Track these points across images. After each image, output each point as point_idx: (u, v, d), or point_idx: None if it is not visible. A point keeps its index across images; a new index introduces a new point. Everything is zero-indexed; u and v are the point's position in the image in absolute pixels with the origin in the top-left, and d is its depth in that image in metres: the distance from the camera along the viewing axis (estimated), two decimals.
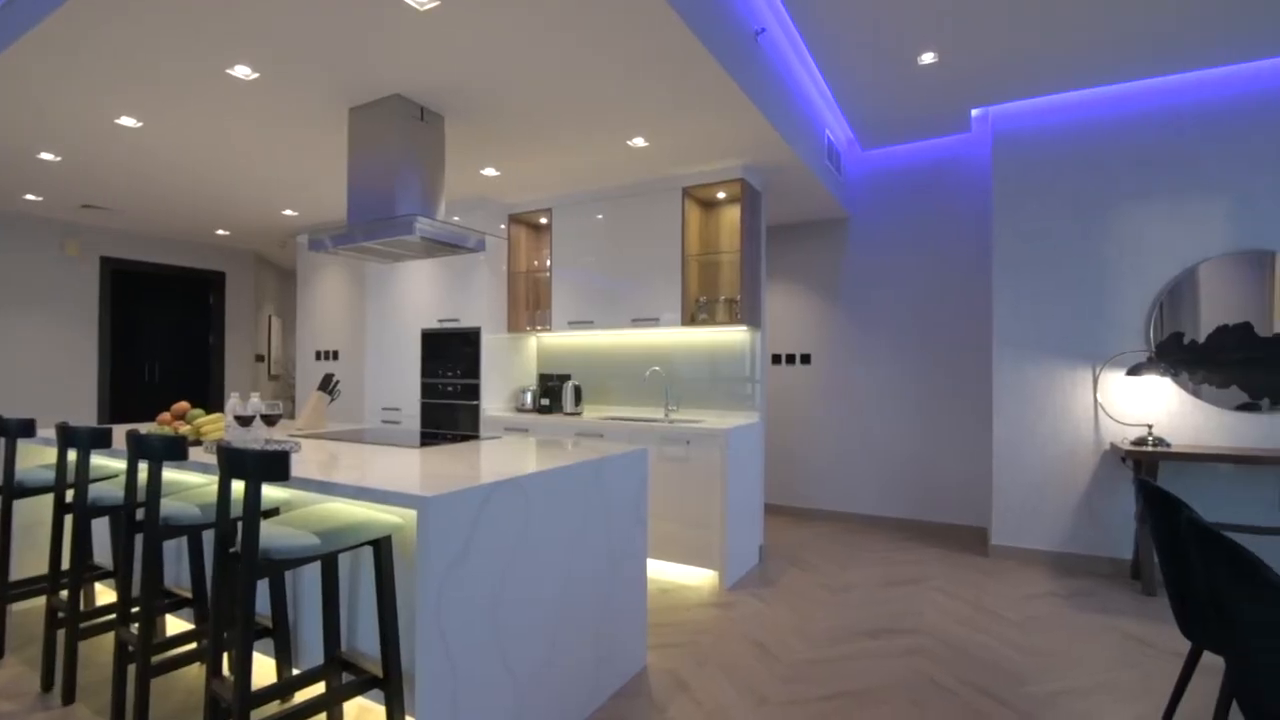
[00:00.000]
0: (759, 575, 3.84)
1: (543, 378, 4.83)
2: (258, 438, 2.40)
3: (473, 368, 4.62)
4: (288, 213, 5.28)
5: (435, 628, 1.68)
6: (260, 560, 1.67)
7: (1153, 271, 3.79)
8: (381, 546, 1.88)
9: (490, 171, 4.12)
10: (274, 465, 1.66)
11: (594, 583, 2.34)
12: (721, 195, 4.26)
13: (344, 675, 2.07)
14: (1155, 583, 3.52)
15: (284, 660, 2.22)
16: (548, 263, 4.73)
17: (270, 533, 1.72)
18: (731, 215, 4.28)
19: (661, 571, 3.83)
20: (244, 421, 2.38)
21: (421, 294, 4.95)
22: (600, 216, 4.44)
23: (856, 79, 3.76)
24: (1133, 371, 3.71)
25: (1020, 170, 4.14)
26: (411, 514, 1.96)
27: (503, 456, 2.41)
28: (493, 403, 4.63)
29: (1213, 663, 2.67)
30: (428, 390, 4.85)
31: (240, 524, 1.70)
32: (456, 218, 4.78)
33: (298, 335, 6.14)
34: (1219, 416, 3.64)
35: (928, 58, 3.45)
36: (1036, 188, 4.09)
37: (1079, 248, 3.98)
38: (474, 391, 4.60)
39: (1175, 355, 3.72)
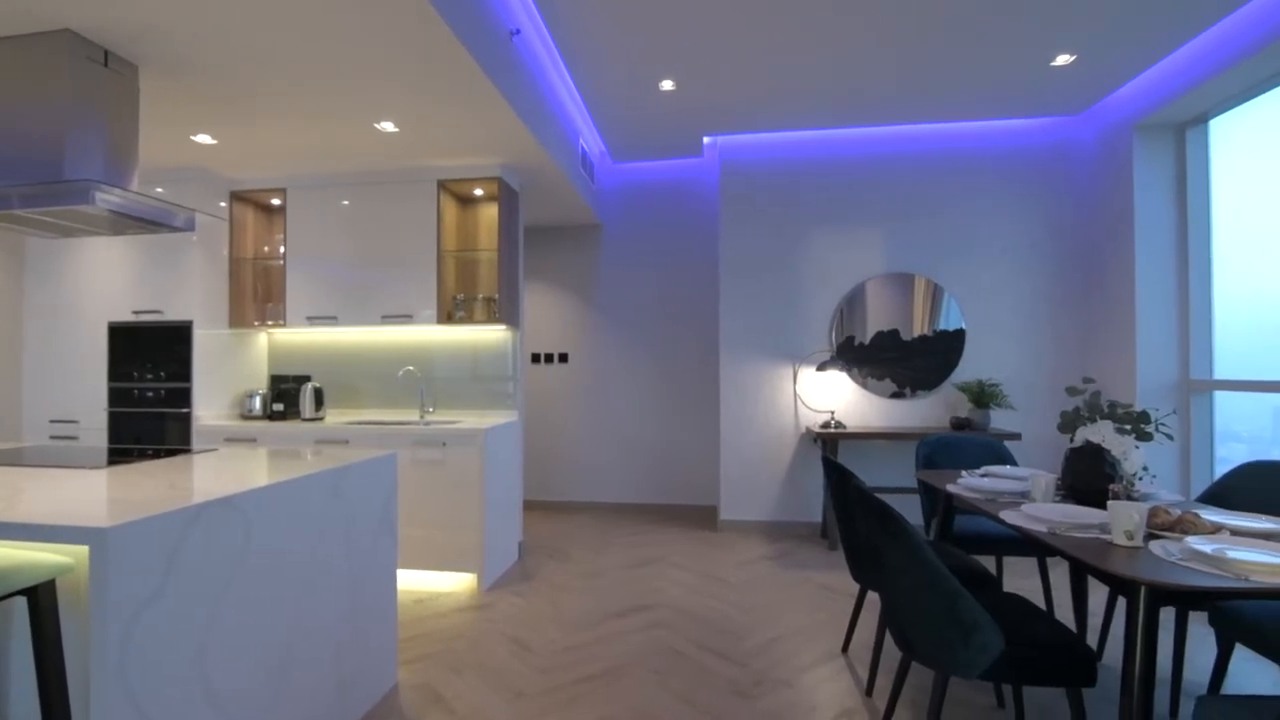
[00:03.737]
0: (518, 571, 3.89)
1: (275, 379, 4.30)
2: None
3: (183, 369, 3.94)
4: None
5: (119, 686, 1.42)
6: None
7: (835, 285, 4.66)
8: (40, 595, 1.53)
9: (204, 139, 3.55)
10: None
11: (334, 603, 2.18)
12: (479, 192, 4.21)
13: None
14: (836, 539, 4.34)
15: None
16: (281, 250, 4.22)
17: None
18: (490, 213, 4.25)
19: (416, 580, 3.67)
20: None
21: (109, 279, 4.07)
22: (346, 202, 4.09)
23: (607, 95, 3.99)
24: (820, 368, 4.55)
25: (741, 194, 4.77)
26: (85, 550, 1.63)
27: (217, 472, 2.12)
28: (210, 410, 4.00)
29: (875, 599, 3.38)
30: (119, 397, 4.02)
31: None
32: (160, 189, 4.02)
33: None
34: (879, 403, 4.61)
35: (667, 85, 3.80)
36: (753, 210, 4.76)
37: (785, 263, 4.72)
38: (184, 397, 3.93)
39: (849, 354, 4.62)
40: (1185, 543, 1.73)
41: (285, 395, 4.19)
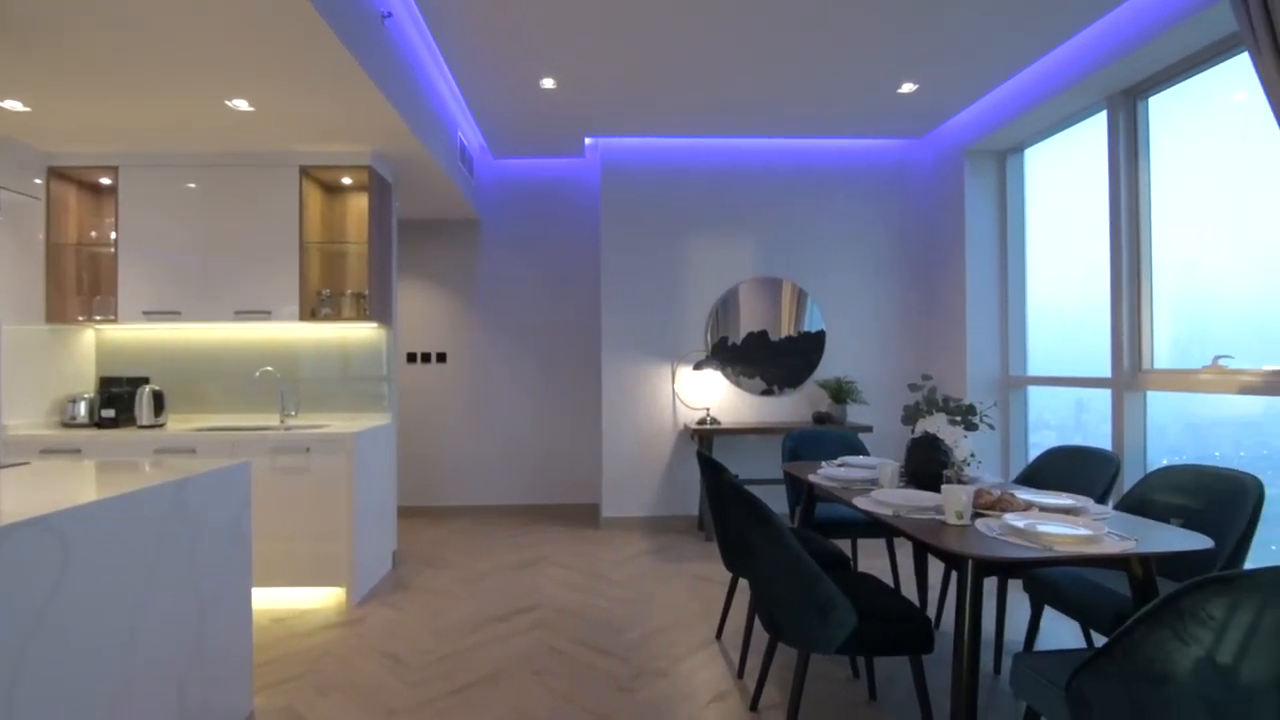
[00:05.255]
0: (392, 582, 3.72)
1: (106, 382, 3.82)
2: None
3: None
4: None
5: None
6: None
7: (710, 288, 4.87)
8: None
9: (13, 105, 3.08)
10: None
11: (176, 630, 1.98)
12: (347, 181, 3.97)
13: None
14: (712, 531, 4.51)
15: None
16: (112, 235, 3.75)
17: None
18: (359, 204, 4.03)
19: (277, 598, 3.41)
20: None
21: None
22: (192, 185, 3.71)
23: (486, 89, 3.90)
24: (697, 367, 4.74)
25: (622, 196, 4.85)
26: None
27: (26, 489, 1.85)
28: (21, 418, 3.48)
29: (747, 587, 3.56)
30: None
31: None
32: None
33: None
34: (751, 400, 4.87)
35: (548, 83, 3.78)
36: (634, 212, 4.85)
37: (664, 265, 4.86)
38: None
39: (724, 354, 4.85)
40: (1004, 519, 1.98)
41: (117, 400, 3.72)
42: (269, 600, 3.39)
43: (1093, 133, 3.59)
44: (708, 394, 4.82)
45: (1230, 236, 2.95)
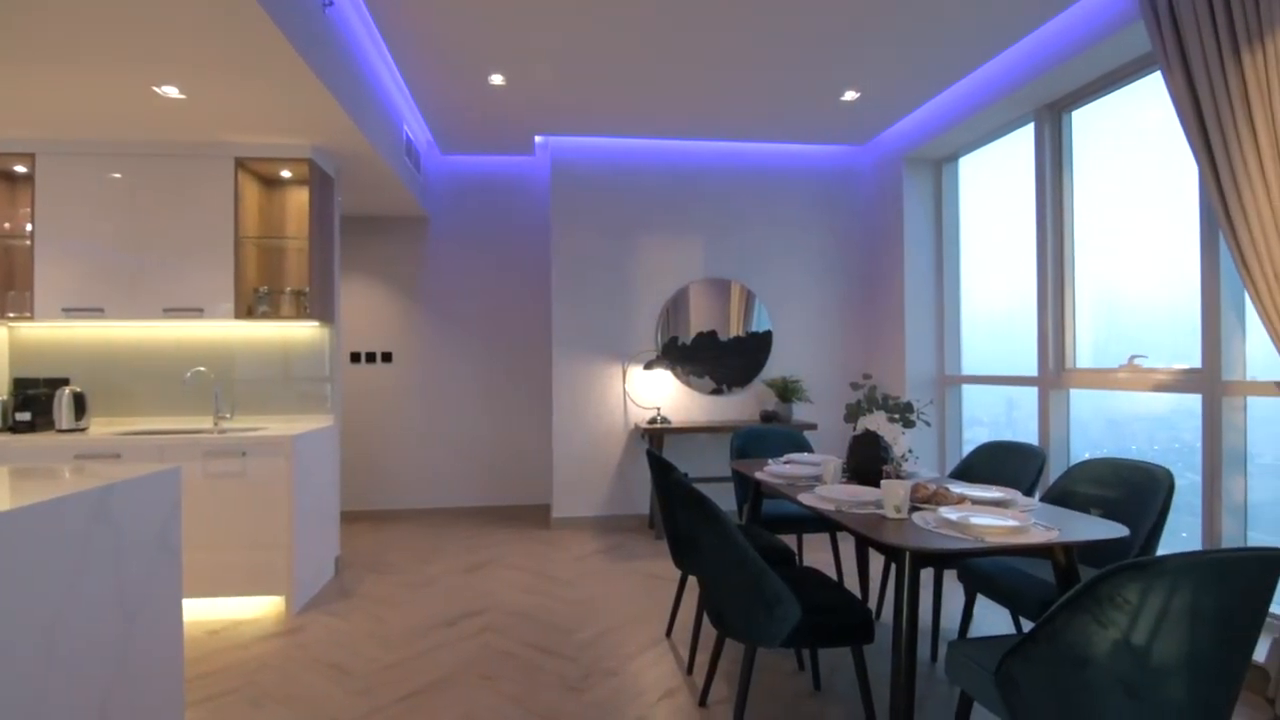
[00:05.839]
0: (335, 589, 3.62)
1: (20, 383, 3.58)
2: None
3: None
4: None
5: None
6: None
7: (660, 288, 4.91)
8: None
9: None
10: None
11: (98, 645, 1.87)
12: (287, 174, 3.83)
13: None
14: (662, 529, 4.55)
15: None
16: (28, 227, 3.51)
17: None
18: (299, 198, 3.89)
19: (212, 609, 3.27)
20: None
21: None
22: (118, 175, 3.51)
23: (434, 84, 3.83)
24: (648, 366, 4.77)
25: (572, 195, 4.83)
26: None
27: None
28: None
29: (696, 583, 3.61)
30: None
31: None
32: None
33: None
34: (700, 399, 4.93)
35: (497, 79, 3.74)
36: (585, 212, 4.84)
37: (614, 264, 4.87)
38: None
39: (674, 354, 4.90)
40: (939, 512, 2.06)
41: (33, 402, 3.49)
42: (203, 611, 3.25)
43: (1021, 143, 3.78)
44: (658, 393, 4.86)
45: (1144, 242, 3.14)
